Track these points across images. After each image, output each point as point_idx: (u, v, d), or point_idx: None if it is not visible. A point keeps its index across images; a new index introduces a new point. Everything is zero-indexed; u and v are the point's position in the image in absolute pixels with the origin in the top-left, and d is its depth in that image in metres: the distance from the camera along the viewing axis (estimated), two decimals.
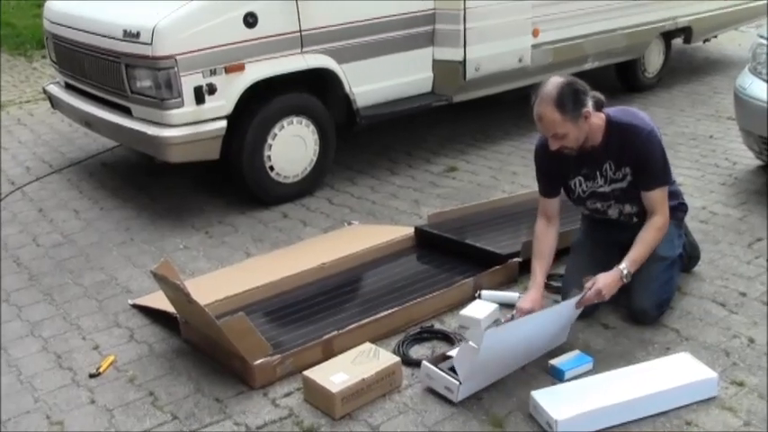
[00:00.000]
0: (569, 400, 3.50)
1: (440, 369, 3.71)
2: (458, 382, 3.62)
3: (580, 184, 4.34)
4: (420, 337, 4.16)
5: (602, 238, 4.42)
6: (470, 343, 3.57)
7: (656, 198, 4.17)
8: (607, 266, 4.34)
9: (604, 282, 4.00)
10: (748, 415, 3.51)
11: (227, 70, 5.55)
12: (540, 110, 3.94)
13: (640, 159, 4.12)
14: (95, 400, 3.84)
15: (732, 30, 10.15)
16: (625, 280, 4.06)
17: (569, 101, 3.92)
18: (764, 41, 5.89)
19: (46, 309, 4.72)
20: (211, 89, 5.50)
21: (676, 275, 4.43)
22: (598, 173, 4.25)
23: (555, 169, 4.34)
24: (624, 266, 4.06)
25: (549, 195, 4.40)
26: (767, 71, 5.71)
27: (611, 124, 4.15)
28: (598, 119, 4.11)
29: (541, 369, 3.87)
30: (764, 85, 5.70)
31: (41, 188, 6.69)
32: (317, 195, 6.26)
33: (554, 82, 3.96)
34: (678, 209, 4.49)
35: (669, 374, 3.66)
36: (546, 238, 4.33)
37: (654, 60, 9.00)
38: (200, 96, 5.47)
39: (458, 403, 3.63)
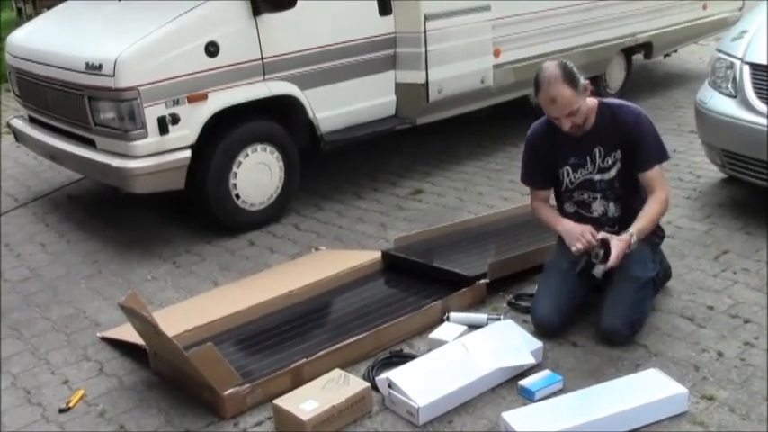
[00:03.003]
0: (540, 421, 3.50)
1: (400, 394, 3.71)
2: (417, 405, 3.63)
3: (568, 174, 4.42)
4: (389, 362, 4.13)
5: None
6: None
7: (655, 176, 4.29)
8: (579, 290, 4.38)
9: (617, 244, 4.06)
10: (719, 429, 3.52)
11: (190, 100, 5.55)
12: (552, 92, 4.07)
13: (634, 137, 4.24)
14: None
15: (692, 44, 10.27)
16: (632, 246, 4.10)
17: (574, 75, 4.10)
18: (723, 56, 5.95)
19: (14, 344, 4.68)
20: (175, 119, 5.49)
21: (649, 297, 4.42)
22: (588, 158, 4.34)
23: (546, 157, 4.45)
24: (633, 232, 4.12)
25: (540, 186, 4.56)
26: (732, 85, 5.75)
27: (602, 105, 4.35)
28: (591, 101, 4.26)
29: (512, 390, 3.87)
30: (724, 98, 5.76)
31: (7, 223, 6.65)
32: (283, 222, 6.25)
33: (552, 64, 4.14)
34: (655, 234, 4.50)
35: (639, 391, 3.66)
36: (546, 206, 4.53)
37: (615, 76, 9.10)
38: (163, 127, 5.46)
39: (429, 428, 3.63)
